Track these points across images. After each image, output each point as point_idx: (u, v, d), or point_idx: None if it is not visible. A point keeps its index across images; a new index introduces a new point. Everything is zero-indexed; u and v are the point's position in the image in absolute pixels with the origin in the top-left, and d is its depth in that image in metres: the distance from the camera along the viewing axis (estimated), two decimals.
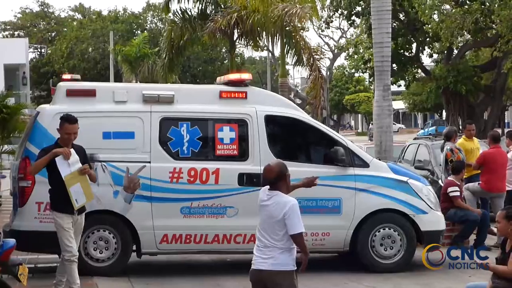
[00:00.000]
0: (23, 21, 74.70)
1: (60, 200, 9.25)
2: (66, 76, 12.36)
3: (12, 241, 8.08)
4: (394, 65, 33.38)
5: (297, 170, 11.33)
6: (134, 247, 11.41)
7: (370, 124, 66.01)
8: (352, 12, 38.15)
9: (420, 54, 38.81)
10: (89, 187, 9.37)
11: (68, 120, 9.30)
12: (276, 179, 6.97)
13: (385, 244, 11.69)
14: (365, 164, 11.76)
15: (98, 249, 11.15)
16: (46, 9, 75.89)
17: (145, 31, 59.16)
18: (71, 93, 11.42)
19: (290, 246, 6.88)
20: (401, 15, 36.00)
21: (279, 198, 6.95)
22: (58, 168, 9.11)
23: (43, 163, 9.21)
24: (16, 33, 73.90)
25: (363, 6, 35.69)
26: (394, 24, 31.97)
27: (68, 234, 9.24)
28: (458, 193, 13.68)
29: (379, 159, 13.18)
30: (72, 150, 9.20)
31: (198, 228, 11.18)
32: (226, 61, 61.42)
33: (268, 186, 7.05)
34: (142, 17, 70.05)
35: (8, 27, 75.12)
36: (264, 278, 6.84)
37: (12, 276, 8.13)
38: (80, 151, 9.43)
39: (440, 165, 15.72)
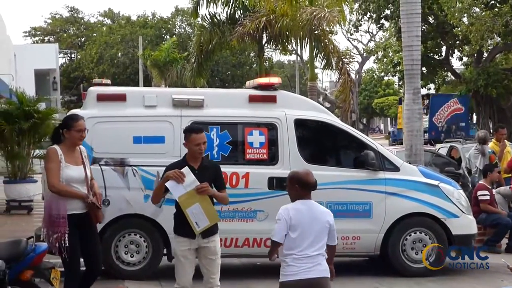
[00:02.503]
0: (53, 27, 75.23)
1: (178, 221, 8.18)
2: (96, 81, 12.42)
3: (44, 245, 8.12)
4: (423, 68, 33.28)
5: (327, 174, 11.38)
6: (165, 251, 11.44)
7: (392, 127, 65.72)
8: (381, 16, 38.09)
9: (450, 57, 38.68)
10: (212, 207, 8.09)
11: (193, 130, 8.18)
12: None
13: (416, 248, 11.62)
14: (395, 168, 11.71)
15: (129, 253, 11.19)
16: (75, 15, 76.38)
17: (174, 36, 59.33)
18: (101, 97, 11.48)
19: (325, 254, 6.89)
20: (430, 18, 35.87)
21: (318, 206, 6.96)
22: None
23: (159, 191, 8.20)
24: (46, 38, 74.43)
25: (392, 10, 35.63)
26: (423, 27, 31.86)
27: (180, 263, 8.18)
28: (487, 197, 13.60)
29: (410, 163, 13.11)
30: (185, 170, 7.95)
31: (228, 232, 11.15)
32: (255, 65, 61.43)
33: (292, 204, 7.01)
34: (170, 22, 70.26)
35: (38, 32, 75.68)
36: (313, 285, 6.76)
37: (44, 279, 8.18)
38: (212, 167, 8.30)
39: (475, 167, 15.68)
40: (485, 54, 35.74)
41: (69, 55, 73.66)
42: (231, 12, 29.16)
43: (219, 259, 8.34)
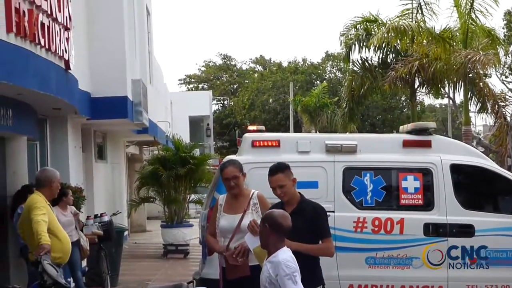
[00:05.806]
0: (207, 74, 77.35)
1: None
2: (251, 127, 12.62)
3: None
4: None
5: (485, 220, 11.08)
6: None
7: None
8: None
9: None
10: None
11: (269, 172, 7.88)
12: None
13: None
14: None
15: None
16: (228, 62, 78.26)
17: (324, 81, 59.70)
18: (256, 143, 11.66)
19: None
20: None
21: None
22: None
23: None
24: (200, 85, 76.60)
25: None
26: None
27: None
28: None
29: None
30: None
31: (383, 279, 11.02)
32: (406, 109, 60.87)
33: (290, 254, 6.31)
34: (321, 67, 70.81)
35: (192, 80, 78.02)
36: None
37: None
38: (310, 209, 7.58)
39: None
40: None
41: (222, 102, 75.41)
42: (383, 56, 29.09)
43: None
